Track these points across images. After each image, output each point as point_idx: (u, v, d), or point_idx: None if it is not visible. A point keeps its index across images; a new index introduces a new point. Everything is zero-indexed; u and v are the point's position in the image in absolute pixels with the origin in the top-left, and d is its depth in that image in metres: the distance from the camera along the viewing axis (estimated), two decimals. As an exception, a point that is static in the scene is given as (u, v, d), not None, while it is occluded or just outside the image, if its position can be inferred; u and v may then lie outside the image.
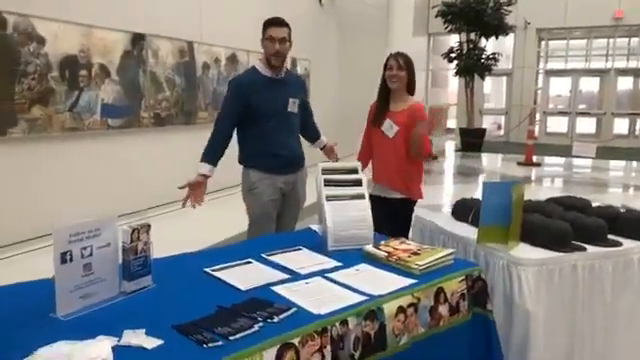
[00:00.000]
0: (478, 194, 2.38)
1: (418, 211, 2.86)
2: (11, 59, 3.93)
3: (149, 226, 1.64)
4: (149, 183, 5.07)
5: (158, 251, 1.73)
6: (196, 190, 2.57)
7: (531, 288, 2.02)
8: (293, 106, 2.76)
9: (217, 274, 1.77)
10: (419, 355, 1.67)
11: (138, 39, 5.17)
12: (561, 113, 15.72)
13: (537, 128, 14.76)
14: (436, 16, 12.65)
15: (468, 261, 2.02)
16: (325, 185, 2.18)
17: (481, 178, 9.28)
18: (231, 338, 1.30)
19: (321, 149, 3.14)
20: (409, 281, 1.73)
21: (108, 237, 1.53)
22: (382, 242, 2.09)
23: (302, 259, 1.97)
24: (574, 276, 2.09)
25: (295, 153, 2.83)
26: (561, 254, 2.10)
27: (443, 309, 1.75)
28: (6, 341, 1.25)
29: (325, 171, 2.21)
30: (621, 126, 14.93)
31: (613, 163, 10.75)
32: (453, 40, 13.55)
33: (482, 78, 12.99)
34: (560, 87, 16.12)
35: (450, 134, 16.30)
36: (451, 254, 1.95)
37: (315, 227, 2.33)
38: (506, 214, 2.10)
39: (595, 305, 2.13)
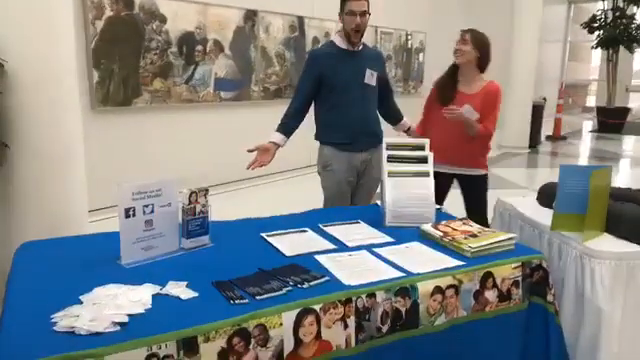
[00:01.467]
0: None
1: (502, 194, 2.70)
2: (137, 36, 4.41)
3: (207, 190, 1.79)
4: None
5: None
6: (263, 155, 2.59)
7: (605, 284, 1.83)
8: (371, 78, 2.69)
9: (270, 239, 1.88)
10: (460, 338, 1.63)
11: (250, 15, 5.45)
12: None
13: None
14: (577, -20, 11.38)
15: (530, 248, 1.89)
16: (388, 161, 2.17)
17: (620, 163, 8.32)
18: (258, 298, 1.39)
19: (405, 132, 3.00)
20: (455, 262, 1.68)
21: (169, 197, 1.70)
22: (443, 222, 2.04)
23: (356, 232, 2.00)
24: (662, 276, 1.85)
25: (372, 128, 2.74)
26: (648, 249, 1.87)
27: (490, 294, 1.67)
28: (74, 280, 1.47)
29: (390, 146, 2.19)
30: None
31: None
32: (598, 8, 12.11)
33: (630, 50, 11.47)
34: None
35: (589, 113, 14.76)
36: (511, 239, 1.84)
37: (379, 203, 2.33)
38: (585, 201, 1.91)
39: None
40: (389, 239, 1.92)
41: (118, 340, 1.18)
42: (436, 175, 2.20)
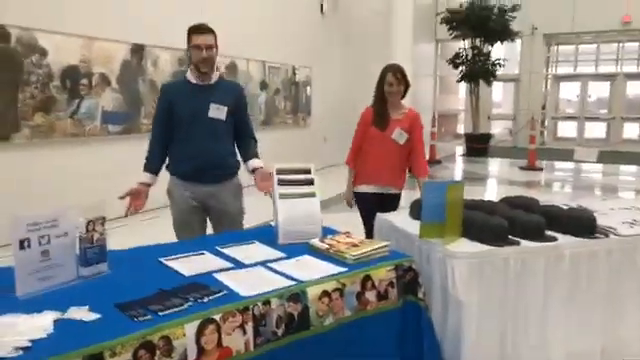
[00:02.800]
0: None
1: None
2: (14, 69, 4.24)
3: (104, 219, 1.85)
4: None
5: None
6: (136, 199, 2.61)
7: (463, 279, 2.18)
8: (217, 112, 2.68)
9: (169, 263, 1.98)
10: (347, 335, 1.85)
11: (138, 49, 5.46)
12: (569, 118, 15.68)
13: (545, 133, 14.79)
14: (441, 23, 12.80)
15: (401, 253, 2.19)
16: (279, 184, 2.38)
17: (487, 182, 9.36)
18: (160, 314, 1.50)
19: (251, 172, 2.81)
20: (339, 269, 1.92)
21: (65, 227, 1.74)
22: (329, 236, 2.28)
23: (252, 251, 2.16)
24: (506, 269, 2.24)
25: (219, 161, 2.73)
26: (494, 248, 2.26)
27: (370, 295, 1.93)
28: (-32, 313, 1.47)
29: (279, 171, 2.41)
30: (632, 130, 14.84)
31: (614, 168, 10.71)
32: (460, 46, 13.67)
33: (487, 84, 13.07)
34: (570, 92, 16.08)
35: (459, 139, 16.37)
36: (386, 246, 2.12)
37: (273, 223, 2.52)
38: (443, 212, 2.27)
39: (527, 297, 2.28)
40: (282, 255, 2.11)
41: (22, 363, 1.23)
42: (368, 195, 2.62)
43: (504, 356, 2.28)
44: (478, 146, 12.63)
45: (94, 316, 1.48)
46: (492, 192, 8.43)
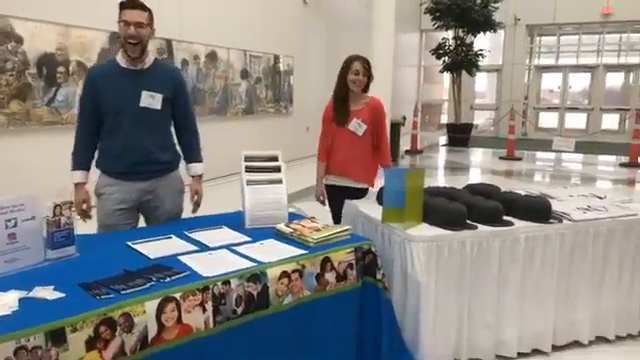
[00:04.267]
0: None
1: (363, 202, 3.11)
2: (-11, 57, 4.22)
3: (71, 203, 1.92)
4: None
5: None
6: (78, 205, 2.35)
7: (422, 262, 2.28)
8: (150, 100, 2.37)
9: (136, 246, 2.04)
10: (306, 315, 1.94)
11: (116, 37, 5.44)
12: (550, 108, 15.89)
13: (527, 123, 14.99)
14: (424, 12, 12.87)
15: (361, 236, 2.28)
16: (246, 171, 2.45)
17: (467, 172, 9.51)
18: (122, 292, 1.57)
19: (192, 176, 2.63)
20: (299, 251, 2.01)
21: (32, 211, 1.80)
22: (295, 221, 2.36)
23: (218, 235, 2.24)
24: (463, 251, 2.35)
25: (155, 156, 2.43)
26: (452, 232, 2.36)
27: (330, 276, 2.02)
28: None
29: (247, 158, 2.48)
30: (611, 121, 15.11)
31: (593, 157, 10.94)
32: (443, 37, 13.76)
33: (470, 74, 13.19)
34: (551, 83, 16.28)
35: (443, 129, 16.52)
36: (347, 230, 2.22)
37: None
38: (403, 198, 2.36)
39: (484, 278, 2.40)
40: (247, 238, 2.19)
41: (-15, 337, 1.29)
42: (335, 187, 2.66)
43: (461, 335, 2.40)
44: (460, 136, 12.77)
45: (58, 295, 1.55)
46: (471, 181, 8.57)
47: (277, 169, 2.50)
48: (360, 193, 3.12)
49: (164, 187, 2.51)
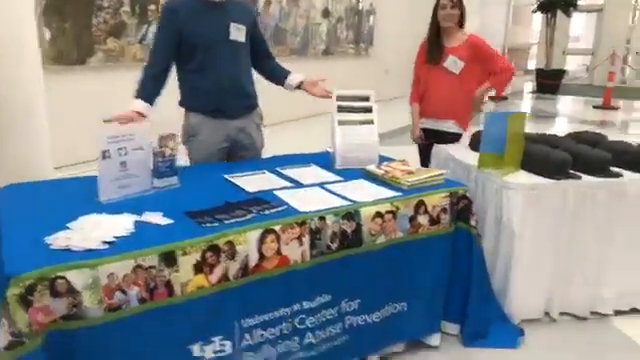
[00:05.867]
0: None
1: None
2: (88, -5, 4.39)
3: (174, 135, 1.99)
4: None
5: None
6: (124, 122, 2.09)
7: (518, 211, 2.18)
8: (237, 33, 2.32)
9: (233, 180, 2.11)
10: (398, 255, 1.94)
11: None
12: (657, 54, 14.34)
13: (627, 70, 13.68)
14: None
15: (456, 181, 2.20)
16: (338, 111, 2.41)
17: (555, 121, 8.93)
18: (226, 222, 1.63)
19: (298, 88, 2.56)
20: (393, 193, 1.98)
21: (140, 142, 1.89)
22: (385, 162, 2.32)
23: (310, 173, 2.25)
24: (564, 202, 2.22)
25: (246, 90, 2.42)
26: (553, 181, 2.23)
27: (423, 219, 1.98)
28: (59, 213, 1.66)
29: (339, 97, 2.44)
30: None
31: None
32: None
33: (566, 14, 12.08)
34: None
35: (529, 75, 15.48)
36: (441, 174, 2.15)
37: (330, 149, 2.59)
38: (503, 143, 2.24)
39: (585, 232, 2.26)
40: (338, 178, 2.19)
41: (108, 254, 1.40)
42: (427, 131, 2.66)
43: (554, 290, 2.31)
44: (550, 82, 11.91)
45: (168, 221, 1.64)
46: (559, 131, 8.03)
47: (369, 109, 2.44)
48: (454, 139, 2.99)
49: (253, 123, 2.50)
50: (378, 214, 1.86)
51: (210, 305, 1.54)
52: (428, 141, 3.02)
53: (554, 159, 2.29)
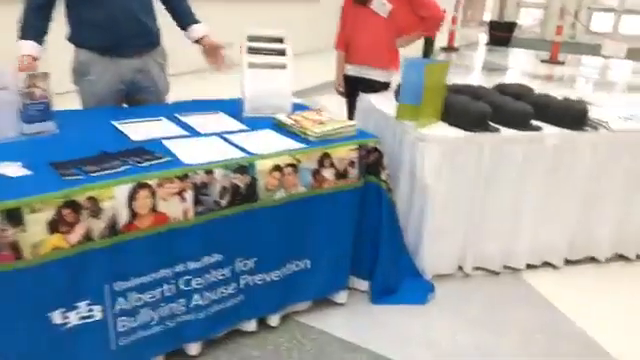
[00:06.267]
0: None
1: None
2: None
3: (46, 74, 1.73)
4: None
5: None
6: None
7: (432, 164, 2.08)
8: None
9: (121, 127, 1.89)
10: (301, 211, 1.81)
11: None
12: (607, 10, 14.47)
13: (578, 25, 13.76)
14: None
15: (368, 133, 2.06)
16: (248, 52, 2.20)
17: (504, 74, 8.91)
18: (92, 175, 1.44)
19: (196, 42, 2.28)
20: (298, 145, 1.82)
21: (4, 82, 1.64)
22: (298, 112, 2.15)
23: (212, 121, 2.06)
24: (480, 156, 2.13)
25: (143, 25, 2.14)
26: (470, 134, 2.13)
27: (328, 173, 1.85)
28: None
29: (251, 38, 2.21)
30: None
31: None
32: None
33: (522, -36, 11.90)
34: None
35: (484, 27, 15.39)
36: (353, 125, 2.00)
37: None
38: (421, 93, 2.10)
39: (500, 186, 2.19)
40: (243, 127, 2.01)
41: (-64, 212, 1.19)
42: (355, 79, 2.49)
43: (467, 245, 2.26)
44: (502, 35, 11.87)
45: (23, 172, 1.43)
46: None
47: (282, 52, 2.23)
48: (381, 88, 2.83)
49: (154, 63, 2.24)
50: (276, 167, 1.71)
51: (71, 268, 1.37)
52: (354, 91, 2.85)
53: (473, 111, 2.18)
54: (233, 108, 2.22)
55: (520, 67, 9.80)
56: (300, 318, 1.98)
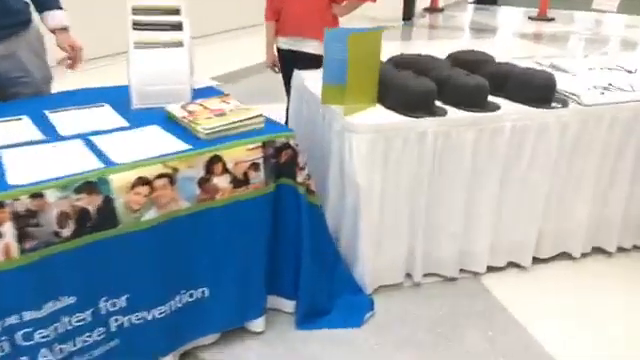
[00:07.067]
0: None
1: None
2: None
3: None
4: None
5: None
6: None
7: (363, 158, 1.70)
8: None
9: (-41, 132, 1.50)
10: (183, 232, 1.44)
11: None
12: (600, -41, 13.74)
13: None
14: None
15: (279, 126, 1.67)
16: (134, 29, 1.78)
17: (493, 34, 8.40)
18: None
19: (52, 32, 1.93)
20: (181, 147, 1.44)
21: None
22: (200, 100, 1.75)
23: (88, 118, 1.67)
24: (422, 145, 1.74)
25: (9, 5, 1.79)
26: (409, 119, 1.73)
27: (221, 181, 1.46)
28: None
29: (136, 10, 1.79)
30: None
31: (638, 20, 9.52)
32: None
33: None
34: None
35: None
36: (259, 116, 1.61)
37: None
38: (344, 70, 1.70)
39: (450, 179, 1.82)
40: (124, 124, 1.62)
41: None
42: (289, 53, 2.20)
43: (414, 249, 1.90)
44: (489, -8, 11.23)
45: None
46: (494, 46, 7.53)
47: (178, 26, 1.82)
48: (319, 61, 2.41)
49: (27, 48, 1.85)
50: (141, 181, 1.32)
51: None
52: (288, 68, 2.44)
53: (413, 90, 1.77)
54: (123, 98, 1.82)
55: (507, 26, 9.26)
56: (205, 354, 1.64)
